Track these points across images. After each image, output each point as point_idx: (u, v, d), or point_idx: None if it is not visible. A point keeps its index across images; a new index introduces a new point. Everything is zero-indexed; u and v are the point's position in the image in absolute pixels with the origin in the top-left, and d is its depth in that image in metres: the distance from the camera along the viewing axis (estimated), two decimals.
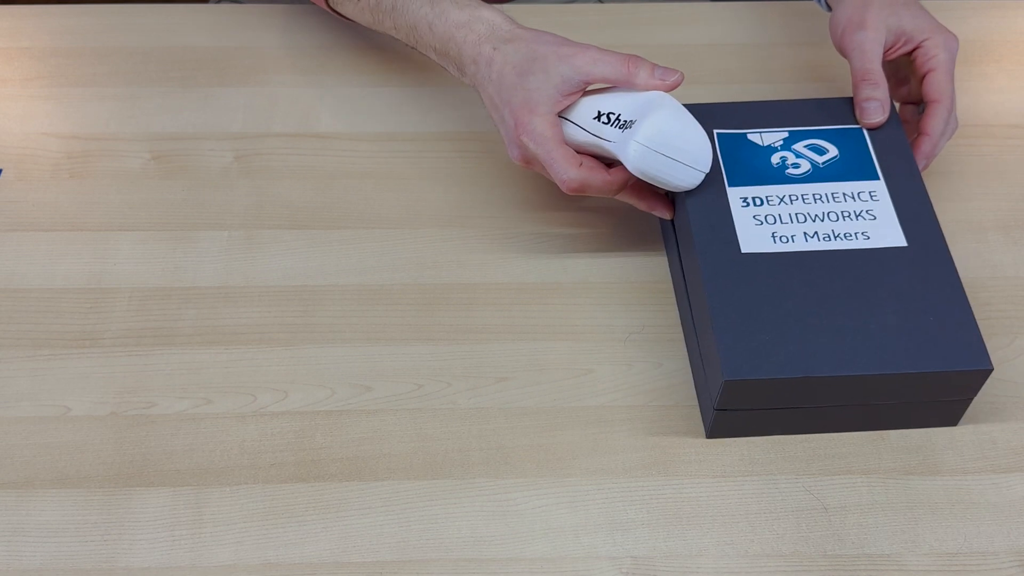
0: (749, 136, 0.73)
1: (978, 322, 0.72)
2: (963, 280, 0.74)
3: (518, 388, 0.69)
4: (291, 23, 0.93)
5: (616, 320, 0.73)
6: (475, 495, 0.64)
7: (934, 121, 0.72)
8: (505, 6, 0.94)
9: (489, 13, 0.71)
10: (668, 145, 0.65)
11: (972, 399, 0.64)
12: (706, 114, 0.73)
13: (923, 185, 0.70)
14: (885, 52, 0.73)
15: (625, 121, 0.67)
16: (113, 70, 0.89)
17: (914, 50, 0.73)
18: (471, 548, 0.62)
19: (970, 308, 0.64)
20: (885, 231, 0.67)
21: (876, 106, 0.72)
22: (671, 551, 0.62)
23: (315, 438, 0.67)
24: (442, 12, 0.71)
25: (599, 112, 0.68)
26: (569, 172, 0.67)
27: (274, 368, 0.70)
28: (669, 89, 0.68)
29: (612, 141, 0.67)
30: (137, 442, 0.66)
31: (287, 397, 0.69)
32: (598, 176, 0.68)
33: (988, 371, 0.61)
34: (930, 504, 0.64)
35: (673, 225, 0.73)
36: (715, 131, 0.73)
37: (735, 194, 0.69)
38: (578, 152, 0.68)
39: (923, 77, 0.73)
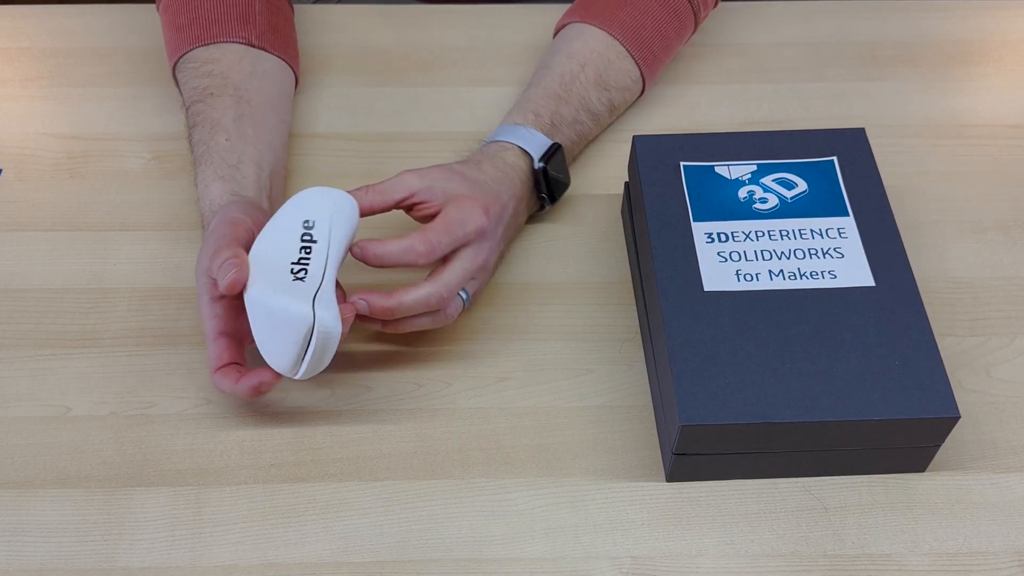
0: (716, 169, 0.71)
1: (978, 322, 0.72)
2: (963, 280, 0.74)
3: (518, 388, 0.69)
4: None
5: (616, 320, 0.73)
6: (475, 495, 0.64)
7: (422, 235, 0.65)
8: (512, 7, 0.94)
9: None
10: None
11: (940, 446, 0.62)
12: (674, 146, 0.72)
13: (894, 222, 0.68)
14: (416, 204, 0.68)
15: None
16: (113, 70, 0.89)
17: (436, 211, 0.68)
18: (471, 548, 0.62)
19: (938, 352, 0.62)
20: (853, 270, 0.65)
21: None
22: (671, 551, 0.62)
23: (315, 438, 0.67)
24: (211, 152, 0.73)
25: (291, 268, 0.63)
26: (202, 258, 0.63)
27: None
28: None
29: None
30: (137, 442, 0.66)
31: (287, 397, 0.68)
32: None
33: (955, 419, 0.59)
34: (930, 504, 0.64)
35: (637, 259, 0.72)
36: (682, 163, 0.71)
37: (700, 229, 0.68)
38: None
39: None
